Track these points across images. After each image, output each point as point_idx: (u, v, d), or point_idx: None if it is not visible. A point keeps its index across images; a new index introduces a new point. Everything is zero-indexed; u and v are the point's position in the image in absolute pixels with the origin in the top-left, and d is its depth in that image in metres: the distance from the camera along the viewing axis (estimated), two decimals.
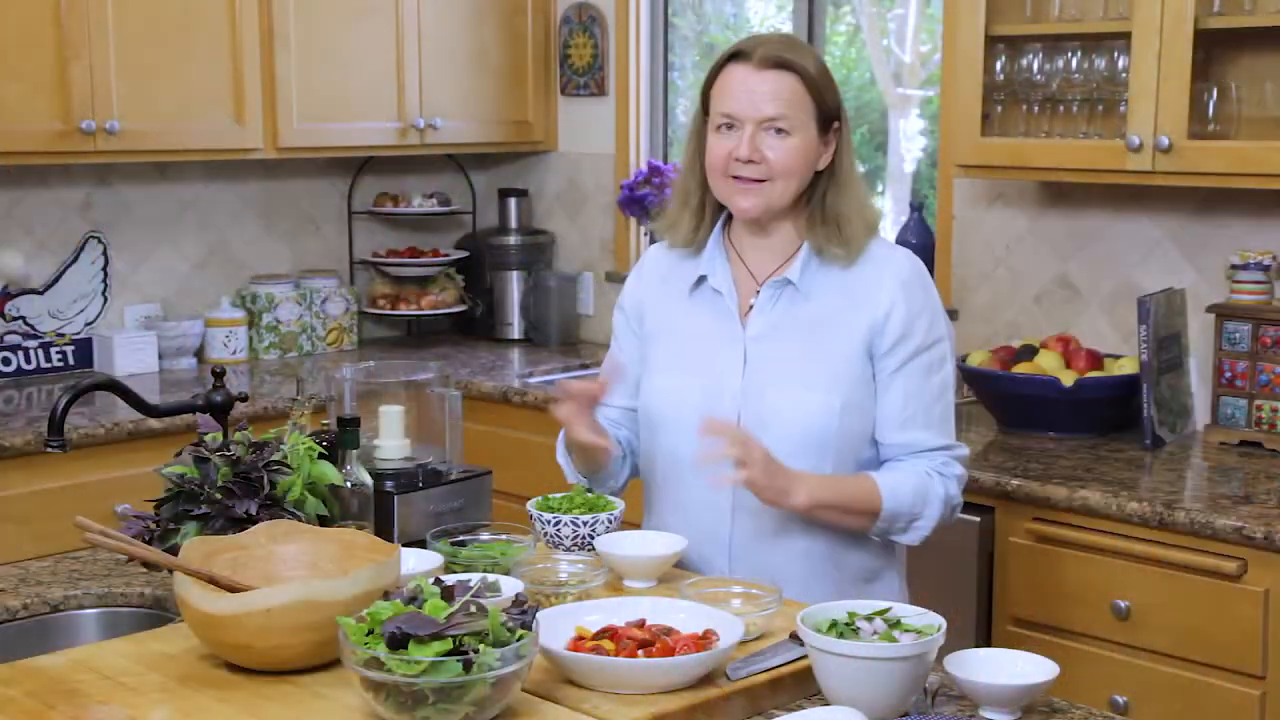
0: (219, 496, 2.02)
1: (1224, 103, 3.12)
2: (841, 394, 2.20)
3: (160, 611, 2.19)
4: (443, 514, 2.33)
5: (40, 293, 4.03)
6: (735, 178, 2.23)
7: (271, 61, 4.00)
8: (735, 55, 2.25)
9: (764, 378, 2.24)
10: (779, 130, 2.20)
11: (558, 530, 2.23)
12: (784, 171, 2.21)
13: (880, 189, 4.33)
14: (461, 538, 2.19)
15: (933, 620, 1.78)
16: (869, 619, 1.78)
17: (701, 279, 2.32)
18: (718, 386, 2.26)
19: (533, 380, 4.13)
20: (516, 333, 4.68)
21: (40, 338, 4.03)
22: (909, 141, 4.28)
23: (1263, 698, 2.65)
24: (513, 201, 4.73)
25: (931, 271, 3.78)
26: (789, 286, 2.26)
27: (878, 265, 2.26)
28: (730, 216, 2.33)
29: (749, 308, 2.29)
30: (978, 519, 2.96)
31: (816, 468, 2.20)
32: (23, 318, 4.01)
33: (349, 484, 2.15)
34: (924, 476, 2.22)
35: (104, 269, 4.14)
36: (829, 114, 2.24)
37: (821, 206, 2.26)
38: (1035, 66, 3.36)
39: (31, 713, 1.71)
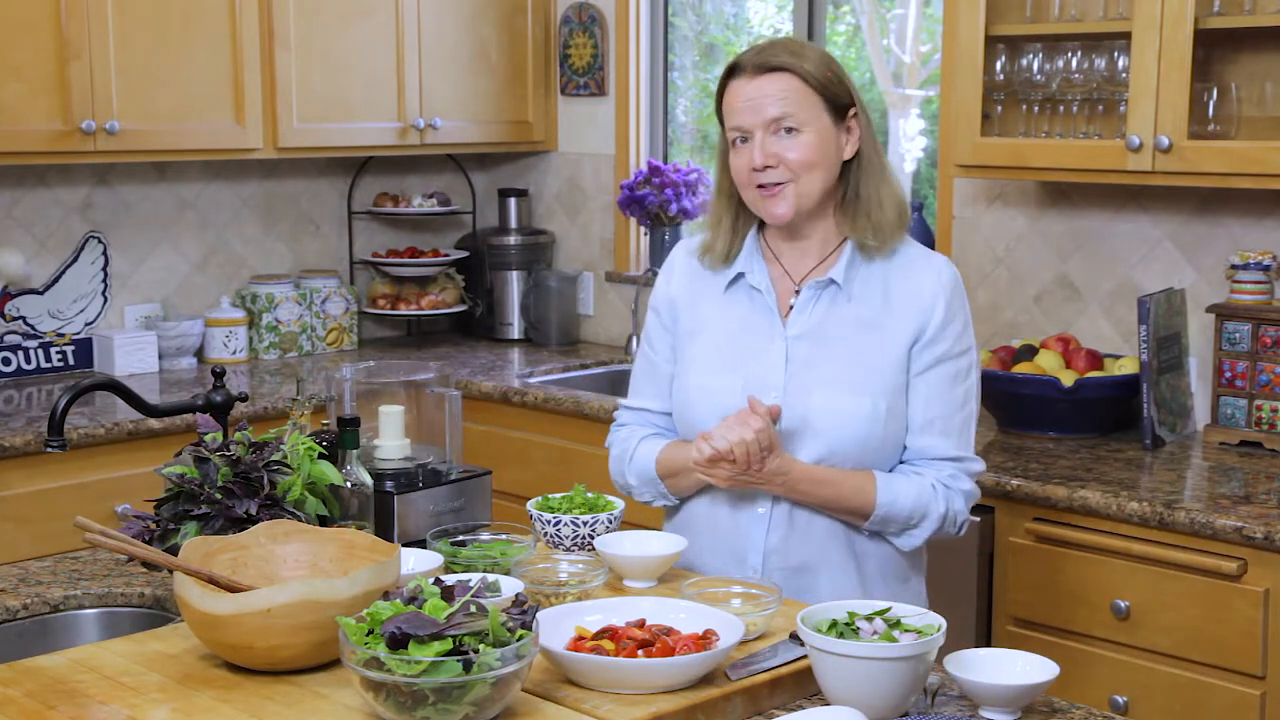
0: (219, 496, 2.02)
1: (1224, 103, 3.12)
2: (887, 399, 2.19)
3: (160, 611, 2.19)
4: (443, 514, 2.33)
5: (40, 293, 4.03)
6: (760, 187, 2.22)
7: (271, 61, 4.00)
8: (730, 71, 2.25)
9: (809, 378, 2.23)
10: (788, 130, 2.20)
11: (558, 530, 2.23)
12: (804, 166, 2.20)
13: None
14: (461, 538, 2.19)
15: (933, 620, 1.78)
16: (869, 619, 1.78)
17: (738, 276, 2.32)
18: (759, 384, 2.24)
19: (533, 380, 4.13)
20: (516, 333, 4.68)
21: (40, 338, 4.03)
22: (909, 141, 4.28)
23: (1263, 698, 2.65)
24: (513, 201, 4.74)
25: None
26: (831, 286, 2.25)
27: (919, 269, 2.25)
28: None
29: (789, 308, 2.28)
30: (978, 519, 2.96)
31: (857, 468, 2.21)
32: (23, 318, 4.01)
33: (349, 484, 2.15)
34: (928, 488, 2.21)
35: (104, 269, 4.14)
36: (840, 103, 2.23)
37: (856, 196, 2.26)
38: (1035, 66, 3.36)
39: (31, 713, 1.71)
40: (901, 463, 2.25)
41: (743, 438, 2.12)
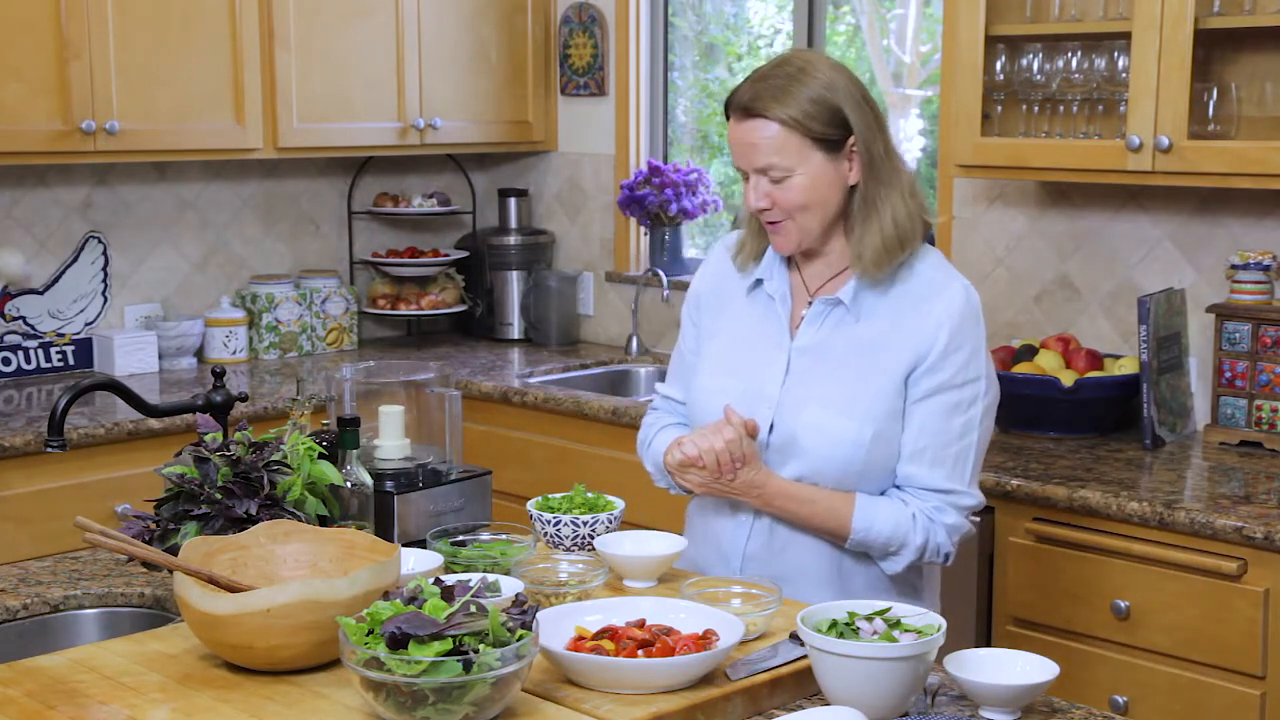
0: (219, 496, 2.02)
1: (1224, 103, 3.12)
2: (874, 425, 2.17)
3: (160, 611, 2.19)
4: (443, 514, 2.33)
5: (40, 293, 4.03)
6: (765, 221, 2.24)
7: (271, 61, 4.00)
8: (726, 106, 2.23)
9: (803, 392, 2.22)
10: (774, 179, 2.18)
11: (558, 530, 2.23)
12: (797, 208, 2.19)
13: None
14: (461, 538, 2.19)
15: (933, 620, 1.78)
16: (869, 619, 1.78)
17: (758, 282, 2.32)
18: (756, 392, 2.24)
19: (533, 380, 4.13)
20: (516, 333, 4.68)
21: (40, 338, 4.03)
22: (909, 141, 4.28)
23: (1263, 698, 2.65)
24: (513, 201, 4.74)
25: None
26: (839, 306, 2.24)
27: (930, 294, 2.20)
28: None
29: (800, 318, 2.28)
30: (978, 519, 2.96)
31: (839, 488, 2.20)
32: (23, 318, 4.01)
33: (349, 484, 2.15)
34: (908, 518, 2.18)
35: (104, 269, 4.14)
36: (832, 137, 2.16)
37: (853, 227, 2.22)
38: (1035, 66, 3.36)
39: (31, 713, 1.71)
40: (896, 487, 2.23)
41: (712, 446, 2.14)
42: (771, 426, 2.22)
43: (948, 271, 2.25)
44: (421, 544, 2.21)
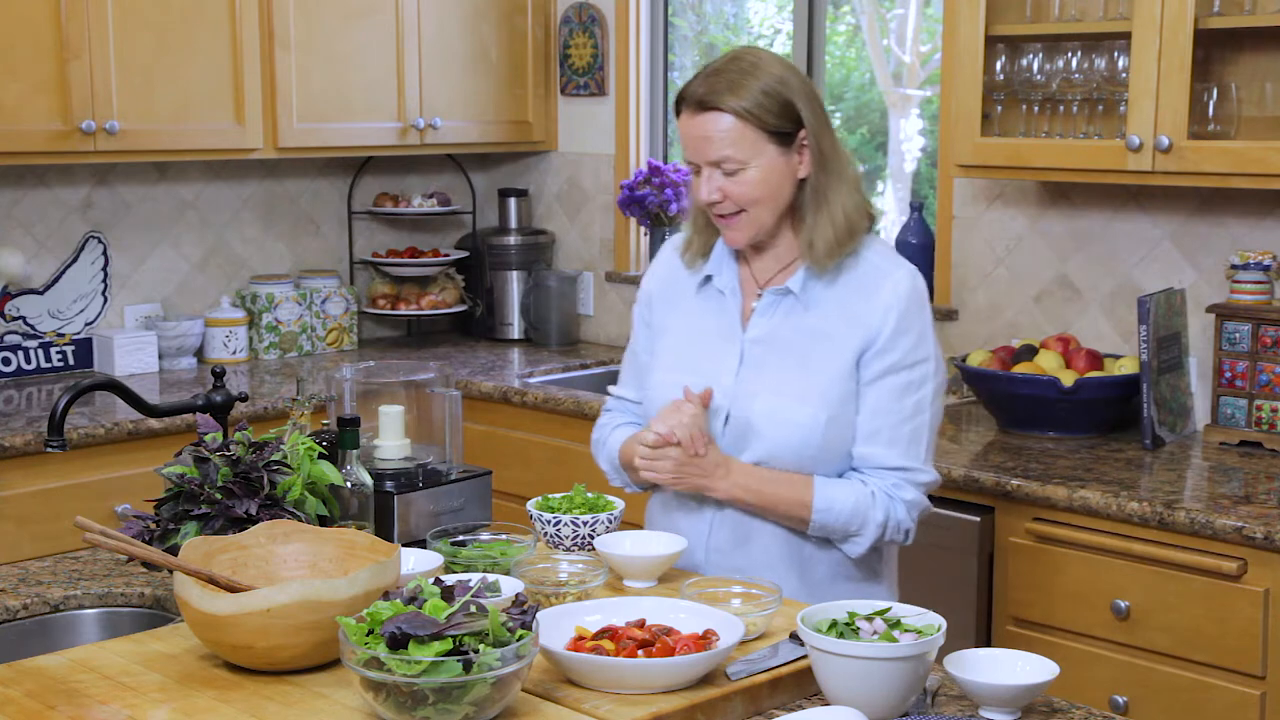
0: (219, 496, 2.02)
1: (1224, 103, 3.12)
2: (829, 409, 2.21)
3: (160, 611, 2.19)
4: (443, 514, 2.33)
5: (40, 293, 4.03)
6: (717, 215, 2.26)
7: (271, 61, 4.00)
8: (678, 100, 2.26)
9: (757, 383, 2.26)
10: (728, 171, 2.21)
11: (558, 530, 2.23)
12: (750, 201, 2.22)
13: (880, 189, 4.34)
14: (461, 538, 2.20)
15: (933, 620, 1.78)
16: (869, 619, 1.78)
17: (708, 278, 2.35)
18: (711, 384, 2.27)
19: (533, 380, 4.13)
20: (516, 333, 4.68)
21: (40, 338, 4.03)
22: (909, 141, 4.28)
23: (1263, 698, 2.65)
24: (513, 201, 4.74)
25: (931, 272, 3.79)
26: (789, 296, 2.27)
27: (877, 281, 2.24)
28: None
29: (751, 310, 2.31)
30: (978, 519, 2.96)
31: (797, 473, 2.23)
32: (23, 318, 4.01)
33: (349, 484, 2.15)
34: (867, 496, 2.21)
35: (104, 269, 4.14)
36: (785, 130, 2.20)
37: (802, 219, 2.26)
38: (1035, 66, 3.36)
39: (31, 713, 1.71)
40: (853, 470, 2.26)
41: (680, 421, 2.19)
42: (727, 417, 2.26)
43: (893, 259, 2.29)
44: (421, 544, 2.21)
